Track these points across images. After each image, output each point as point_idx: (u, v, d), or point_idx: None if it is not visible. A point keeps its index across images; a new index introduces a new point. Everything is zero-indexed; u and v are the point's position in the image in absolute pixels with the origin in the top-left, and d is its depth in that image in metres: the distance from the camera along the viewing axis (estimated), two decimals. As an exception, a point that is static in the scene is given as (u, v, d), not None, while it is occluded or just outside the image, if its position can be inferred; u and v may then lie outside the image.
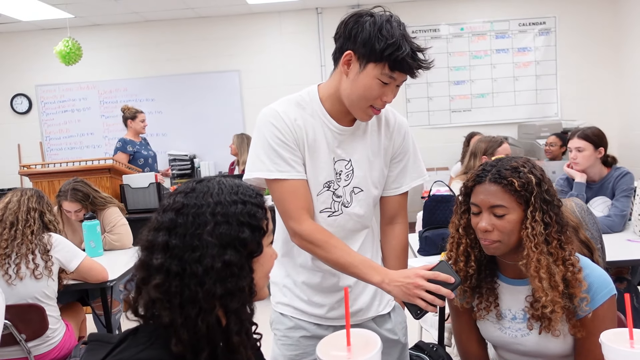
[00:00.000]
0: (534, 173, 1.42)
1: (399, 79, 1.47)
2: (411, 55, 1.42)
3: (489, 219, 1.42)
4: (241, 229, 1.01)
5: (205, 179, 1.09)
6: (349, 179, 1.61)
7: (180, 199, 1.03)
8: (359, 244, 1.67)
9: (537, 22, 6.83)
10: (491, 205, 1.42)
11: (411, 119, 6.93)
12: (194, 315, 0.96)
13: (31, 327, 2.54)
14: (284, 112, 1.55)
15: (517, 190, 1.40)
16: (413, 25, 6.87)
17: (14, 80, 7.07)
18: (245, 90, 6.99)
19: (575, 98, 6.85)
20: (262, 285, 1.08)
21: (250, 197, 1.06)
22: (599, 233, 2.23)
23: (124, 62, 7.04)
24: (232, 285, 0.98)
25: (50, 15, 6.26)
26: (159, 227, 1.01)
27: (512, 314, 1.51)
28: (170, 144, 6.97)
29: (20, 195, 2.67)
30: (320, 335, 1.66)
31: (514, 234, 1.42)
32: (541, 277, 1.37)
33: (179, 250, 0.98)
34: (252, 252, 1.03)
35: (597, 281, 1.42)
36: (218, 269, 0.97)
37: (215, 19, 6.92)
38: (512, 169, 1.43)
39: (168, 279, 0.97)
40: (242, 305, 1.01)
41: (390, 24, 1.44)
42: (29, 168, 4.62)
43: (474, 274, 1.52)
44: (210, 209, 1.00)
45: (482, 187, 1.45)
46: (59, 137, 7.15)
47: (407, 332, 1.80)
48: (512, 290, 1.52)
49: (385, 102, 1.51)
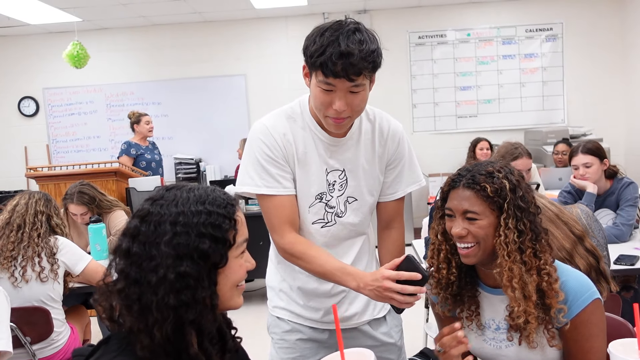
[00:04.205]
0: (509, 179, 1.39)
1: (338, 85, 1.42)
2: (335, 58, 1.37)
3: (463, 224, 1.40)
4: (201, 240, 0.99)
5: (176, 187, 1.08)
6: (343, 188, 1.63)
7: (147, 206, 1.03)
8: (355, 251, 1.68)
9: (544, 28, 6.82)
10: (464, 211, 1.40)
11: (417, 125, 6.92)
12: (150, 323, 0.96)
13: (36, 330, 2.55)
14: (273, 127, 1.58)
15: (489, 196, 1.37)
16: (419, 30, 6.88)
17: (21, 83, 7.11)
18: (251, 94, 7.00)
19: (582, 104, 6.83)
20: (229, 295, 1.06)
21: (218, 208, 1.03)
22: (604, 240, 2.22)
23: (130, 66, 7.07)
24: (187, 297, 0.97)
25: (59, 19, 6.30)
26: (125, 232, 1.02)
27: (496, 324, 1.48)
28: (176, 148, 6.99)
29: (28, 198, 2.69)
30: (317, 339, 1.68)
31: (489, 239, 1.39)
32: (514, 286, 1.34)
33: (138, 257, 0.98)
34: (215, 264, 1.01)
35: (575, 288, 1.39)
36: (171, 280, 0.96)
37: (222, 23, 6.95)
38: (487, 174, 1.39)
39: (128, 285, 0.98)
40: (200, 316, 0.99)
41: (330, 31, 1.41)
42: (36, 171, 4.64)
43: (455, 281, 1.49)
44: (172, 219, 1.00)
45: (456, 192, 1.42)
46: (66, 140, 7.18)
47: (404, 334, 1.82)
48: (493, 299, 1.48)
49: (338, 111, 1.45)
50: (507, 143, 3.51)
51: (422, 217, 3.29)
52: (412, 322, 3.80)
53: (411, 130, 6.89)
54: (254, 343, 1.75)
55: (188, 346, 0.99)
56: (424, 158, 6.79)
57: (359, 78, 1.41)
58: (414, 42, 6.89)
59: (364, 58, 1.39)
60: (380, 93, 6.65)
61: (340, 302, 1.66)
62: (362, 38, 1.41)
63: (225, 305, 1.07)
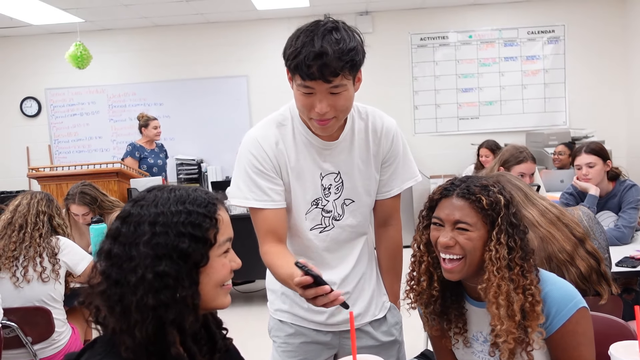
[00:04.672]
0: (503, 194, 1.37)
1: (317, 87, 1.39)
2: (310, 60, 1.34)
3: (451, 234, 1.36)
4: (181, 240, 0.99)
5: (157, 188, 1.08)
6: (339, 191, 1.61)
7: (128, 208, 1.04)
8: (356, 253, 1.67)
9: (546, 31, 6.82)
10: (456, 221, 1.36)
11: (419, 126, 6.92)
12: (131, 324, 0.97)
13: (37, 330, 2.55)
14: (264, 138, 1.56)
15: (484, 209, 1.34)
16: (421, 32, 6.88)
17: (24, 83, 7.12)
18: (253, 95, 7.01)
19: (583, 106, 6.83)
20: (213, 294, 1.06)
21: (198, 207, 1.03)
22: (606, 242, 2.22)
23: (133, 67, 7.08)
24: (166, 297, 0.97)
25: (61, 20, 6.31)
26: (108, 234, 1.04)
27: (484, 337, 1.46)
28: (178, 149, 6.99)
29: (30, 198, 2.69)
30: (321, 341, 1.68)
31: (475, 253, 1.36)
32: (499, 303, 1.31)
33: (118, 259, 0.99)
34: (196, 263, 1.01)
35: (559, 298, 1.36)
36: (149, 280, 0.97)
37: (224, 25, 6.95)
38: (481, 186, 1.38)
39: (109, 286, 0.99)
40: (181, 316, 0.99)
41: (306, 33, 1.39)
42: (38, 171, 4.65)
43: (438, 298, 1.44)
44: (151, 219, 1.00)
45: (448, 201, 1.39)
46: (68, 141, 7.19)
47: (405, 336, 1.81)
48: (480, 312, 1.44)
49: (320, 113, 1.42)
50: (511, 146, 3.48)
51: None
52: (412, 324, 3.80)
53: (413, 131, 6.89)
54: (256, 345, 1.75)
55: (170, 346, 0.99)
56: (425, 160, 6.79)
57: (337, 79, 1.37)
58: (415, 43, 6.89)
59: (340, 57, 1.35)
60: (381, 94, 6.69)
61: None
62: (339, 37, 1.37)
63: (210, 305, 1.07)
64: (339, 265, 1.65)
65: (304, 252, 1.65)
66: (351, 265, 1.66)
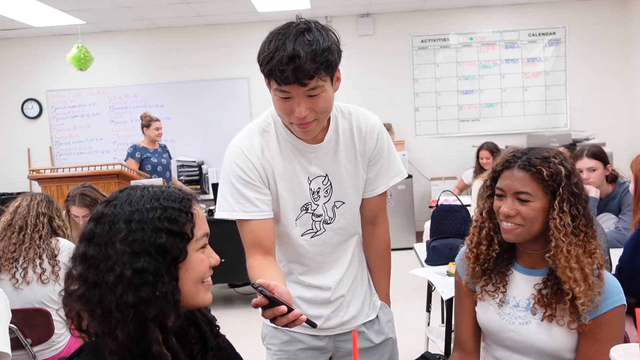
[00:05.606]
0: (565, 165, 1.41)
1: (293, 91, 1.36)
2: (283, 64, 1.31)
3: (513, 204, 1.42)
4: (158, 235, 0.99)
5: (129, 187, 1.08)
6: (329, 194, 1.59)
7: (101, 209, 1.03)
8: (349, 253, 1.67)
9: (547, 33, 6.82)
10: (516, 191, 1.42)
11: (419, 128, 6.92)
12: (112, 325, 0.96)
13: (37, 332, 2.55)
14: (249, 148, 1.53)
15: (544, 180, 1.39)
16: (422, 34, 6.88)
17: (24, 85, 7.13)
18: (254, 97, 7.01)
19: (584, 109, 6.83)
20: (194, 291, 1.06)
21: (173, 202, 1.03)
22: (606, 244, 2.22)
23: (134, 69, 7.09)
24: (146, 294, 0.96)
25: (62, 22, 6.32)
26: (81, 237, 1.02)
27: (516, 302, 1.51)
28: (179, 150, 7.00)
29: (30, 200, 2.69)
30: (317, 346, 1.67)
31: (536, 222, 1.41)
32: (572, 267, 1.36)
33: (94, 260, 0.98)
34: (175, 258, 1.01)
35: (608, 287, 1.40)
36: (128, 277, 0.96)
37: (224, 27, 6.96)
38: (542, 158, 1.42)
39: (88, 289, 0.97)
40: (162, 312, 0.98)
41: (278, 36, 1.36)
42: (38, 172, 4.66)
43: (492, 257, 1.52)
44: (126, 217, 0.99)
45: (509, 172, 1.45)
46: (69, 142, 7.19)
47: (406, 338, 1.82)
48: (524, 279, 1.51)
49: (300, 117, 1.39)
50: (512, 148, 3.48)
51: (423, 220, 3.29)
52: (413, 326, 3.80)
53: (413, 133, 6.89)
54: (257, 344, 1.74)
55: (152, 344, 0.98)
56: (426, 161, 6.80)
57: (313, 81, 1.34)
58: (416, 45, 6.89)
59: (313, 59, 1.31)
60: (382, 96, 6.70)
61: (338, 308, 1.65)
62: (312, 38, 1.34)
63: (191, 302, 1.06)
64: (333, 268, 1.65)
65: (297, 259, 1.64)
66: (345, 267, 1.65)
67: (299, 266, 1.65)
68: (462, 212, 2.91)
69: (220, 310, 4.80)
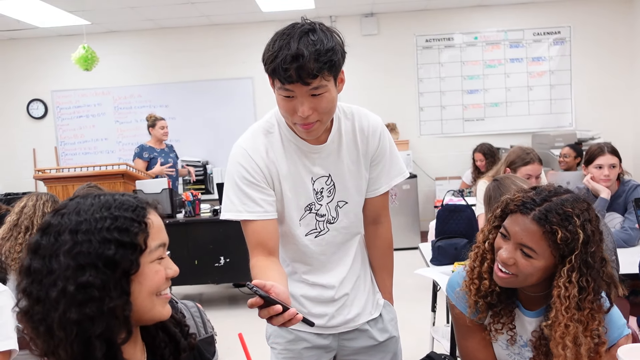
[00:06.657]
0: (586, 229, 1.26)
1: (297, 90, 1.37)
2: (287, 63, 1.32)
3: (514, 253, 1.30)
4: (106, 246, 0.92)
5: (81, 195, 1.01)
6: (332, 194, 1.60)
7: (48, 219, 0.96)
8: (352, 253, 1.68)
9: (552, 32, 6.80)
10: (522, 243, 1.29)
11: (424, 128, 6.91)
12: (55, 344, 0.90)
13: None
14: (253, 149, 1.55)
15: (556, 242, 1.25)
16: (426, 34, 6.87)
17: (30, 85, 7.16)
18: (258, 97, 7.02)
19: (589, 108, 6.81)
20: (148, 305, 0.99)
21: (125, 212, 0.96)
22: (613, 244, 2.21)
23: (138, 69, 7.11)
24: (91, 310, 0.90)
25: (68, 22, 6.34)
26: (28, 249, 0.96)
27: (523, 341, 1.45)
28: (184, 150, 7.00)
29: (36, 200, 2.69)
30: (321, 345, 1.68)
31: (533, 277, 1.30)
32: (566, 344, 1.25)
33: (38, 274, 0.92)
34: (126, 271, 0.94)
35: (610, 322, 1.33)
36: (71, 292, 0.89)
37: (229, 27, 6.98)
38: (563, 215, 1.25)
39: (31, 305, 0.92)
40: (109, 330, 0.91)
41: (282, 36, 1.37)
42: (44, 172, 4.68)
43: (496, 291, 1.40)
44: (72, 227, 0.93)
45: (522, 218, 1.29)
46: (74, 142, 7.22)
47: (411, 338, 1.81)
48: (525, 319, 1.44)
49: (303, 117, 1.40)
50: (517, 148, 3.44)
51: (428, 220, 3.29)
52: (418, 326, 3.80)
53: (418, 133, 6.88)
54: (258, 345, 1.74)
55: None
56: (430, 161, 6.79)
57: (316, 80, 1.35)
58: (421, 45, 6.89)
59: (317, 59, 1.33)
60: (386, 96, 6.69)
61: (342, 307, 1.66)
62: (316, 38, 1.35)
63: (146, 316, 1.00)
64: (336, 267, 1.66)
65: (301, 258, 1.65)
66: (348, 266, 1.66)
67: (303, 265, 1.66)
68: (467, 211, 2.90)
69: (225, 310, 4.81)
